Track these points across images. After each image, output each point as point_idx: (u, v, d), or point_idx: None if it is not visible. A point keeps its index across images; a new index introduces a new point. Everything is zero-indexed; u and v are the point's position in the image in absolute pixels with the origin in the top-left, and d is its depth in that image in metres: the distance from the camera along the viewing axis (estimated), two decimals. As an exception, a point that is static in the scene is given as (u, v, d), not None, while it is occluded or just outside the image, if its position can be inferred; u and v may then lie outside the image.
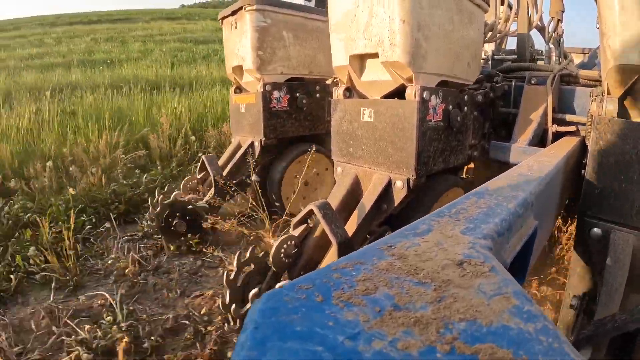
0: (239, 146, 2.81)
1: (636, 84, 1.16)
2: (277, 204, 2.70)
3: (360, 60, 1.75)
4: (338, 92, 1.85)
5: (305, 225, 1.64)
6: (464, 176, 2.39)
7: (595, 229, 1.23)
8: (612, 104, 1.20)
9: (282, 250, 1.55)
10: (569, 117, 1.92)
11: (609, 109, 1.20)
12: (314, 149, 2.58)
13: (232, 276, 1.51)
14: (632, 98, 1.21)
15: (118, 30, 19.96)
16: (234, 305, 1.49)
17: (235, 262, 1.54)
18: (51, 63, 11.89)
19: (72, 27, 21.32)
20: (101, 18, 25.29)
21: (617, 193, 1.18)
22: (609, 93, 1.23)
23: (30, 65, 11.31)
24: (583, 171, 1.32)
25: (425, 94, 1.53)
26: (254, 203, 2.55)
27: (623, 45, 1.11)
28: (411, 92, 1.53)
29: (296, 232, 1.61)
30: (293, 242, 1.58)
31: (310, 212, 1.57)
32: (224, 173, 2.62)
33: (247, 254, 1.57)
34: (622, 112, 1.23)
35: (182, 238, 2.45)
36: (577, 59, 4.08)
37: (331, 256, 1.51)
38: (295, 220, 1.64)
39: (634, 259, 1.11)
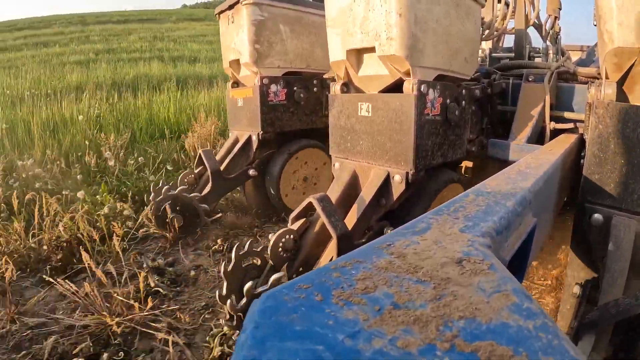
0: (236, 140, 2.81)
1: (634, 67, 1.16)
2: (275, 199, 2.70)
3: (357, 54, 1.74)
4: (335, 88, 1.85)
5: (304, 219, 1.64)
6: (462, 174, 2.39)
7: (596, 215, 1.22)
8: (610, 88, 1.19)
9: (281, 244, 1.54)
10: (566, 115, 1.92)
11: (608, 92, 1.20)
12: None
13: (229, 267, 1.49)
14: (631, 82, 1.21)
15: (155, 30, 20.12)
16: (231, 298, 1.46)
17: (233, 254, 1.52)
18: (136, 58, 12.64)
19: (106, 25, 21.40)
20: (128, 18, 25.46)
21: (617, 177, 1.17)
22: (607, 77, 1.22)
23: (120, 59, 12.20)
24: (582, 161, 1.32)
25: (423, 88, 1.53)
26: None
27: (620, 28, 1.10)
28: (409, 85, 1.53)
29: (295, 226, 1.60)
30: (292, 236, 1.57)
31: (310, 205, 1.56)
32: (221, 168, 2.61)
33: (246, 247, 1.55)
34: (621, 97, 1.22)
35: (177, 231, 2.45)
36: (577, 57, 4.08)
37: (331, 250, 1.51)
38: (294, 214, 1.63)
39: (636, 246, 1.10)
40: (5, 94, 6.38)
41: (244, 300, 1.43)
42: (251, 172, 2.67)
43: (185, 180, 2.74)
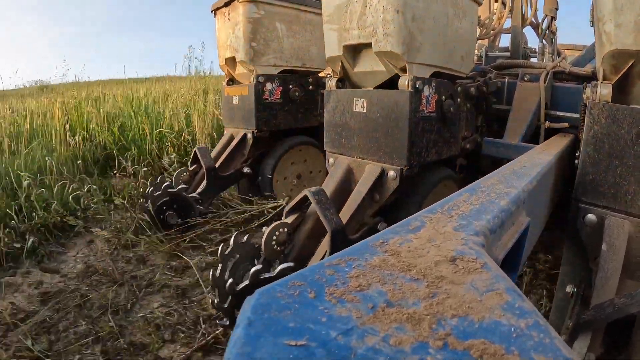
0: (231, 138, 2.79)
1: (632, 69, 1.16)
2: (268, 196, 2.70)
3: (353, 50, 1.74)
4: (331, 83, 1.84)
5: (299, 212, 1.63)
6: (456, 172, 2.40)
7: (590, 215, 1.22)
8: (606, 89, 1.19)
9: (274, 237, 1.53)
10: (561, 114, 1.93)
11: (603, 93, 1.19)
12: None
13: (218, 273, 1.45)
14: (628, 84, 1.20)
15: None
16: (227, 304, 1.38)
17: (219, 256, 1.48)
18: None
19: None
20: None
21: (611, 178, 1.17)
22: (604, 79, 1.22)
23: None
24: (576, 161, 1.32)
25: (418, 84, 1.53)
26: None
27: (619, 29, 1.09)
28: (404, 82, 1.53)
29: (289, 219, 1.60)
30: (285, 229, 1.56)
31: (305, 198, 1.55)
32: (216, 165, 2.60)
33: (231, 243, 1.50)
34: (617, 99, 1.22)
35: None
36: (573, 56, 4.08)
37: (325, 244, 1.50)
38: (288, 207, 1.63)
39: (629, 246, 1.11)
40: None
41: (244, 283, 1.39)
42: (246, 170, 2.66)
43: (181, 177, 2.72)
